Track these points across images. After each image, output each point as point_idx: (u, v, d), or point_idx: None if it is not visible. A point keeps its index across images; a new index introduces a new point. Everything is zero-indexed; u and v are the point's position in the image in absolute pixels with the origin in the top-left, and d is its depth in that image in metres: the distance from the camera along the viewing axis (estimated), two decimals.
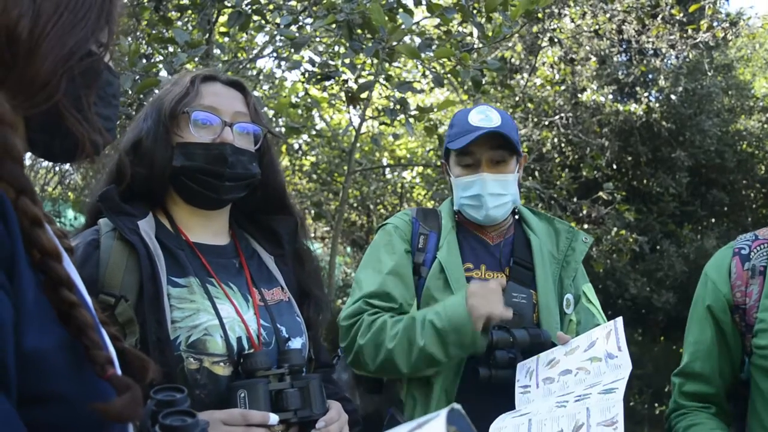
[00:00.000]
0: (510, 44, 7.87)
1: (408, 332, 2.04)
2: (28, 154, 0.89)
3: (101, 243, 1.53)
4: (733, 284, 1.82)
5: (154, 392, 1.03)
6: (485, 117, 2.19)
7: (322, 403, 1.56)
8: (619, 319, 1.81)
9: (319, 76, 4.30)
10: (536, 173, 8.25)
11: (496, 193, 2.18)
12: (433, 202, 7.73)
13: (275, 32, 4.82)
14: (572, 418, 1.59)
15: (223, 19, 4.65)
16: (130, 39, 4.09)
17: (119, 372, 0.83)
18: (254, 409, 1.46)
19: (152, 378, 0.89)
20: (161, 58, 4.15)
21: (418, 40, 4.03)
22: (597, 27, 8.21)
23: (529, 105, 8.25)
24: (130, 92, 3.28)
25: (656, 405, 9.48)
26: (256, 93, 5.53)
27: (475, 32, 4.22)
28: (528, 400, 1.86)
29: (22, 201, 0.76)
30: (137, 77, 3.30)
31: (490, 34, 3.74)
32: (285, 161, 7.87)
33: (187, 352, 1.48)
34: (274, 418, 1.46)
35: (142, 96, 3.31)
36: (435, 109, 4.39)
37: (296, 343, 1.66)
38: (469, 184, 2.20)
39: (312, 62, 4.56)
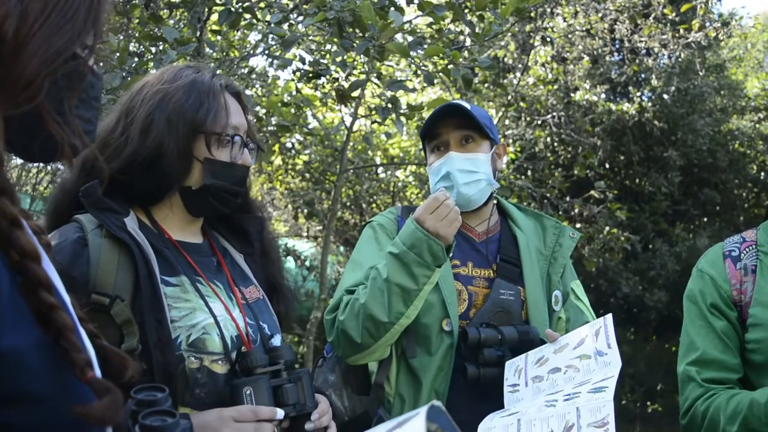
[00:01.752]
0: (502, 43, 7.88)
1: (374, 281, 2.01)
2: None
3: (89, 241, 1.49)
4: (729, 282, 1.87)
5: (135, 392, 1.01)
6: (452, 102, 2.24)
7: (313, 397, 1.59)
8: (609, 316, 1.80)
9: (310, 74, 4.28)
10: (528, 172, 8.26)
11: (466, 169, 2.17)
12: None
13: (267, 30, 4.81)
14: (562, 419, 1.59)
15: (214, 17, 4.63)
16: (120, 36, 4.07)
17: (99, 374, 0.82)
18: (260, 405, 1.48)
19: (132, 376, 0.88)
20: (152, 56, 4.13)
21: (410, 39, 4.03)
22: (589, 26, 8.22)
23: (522, 104, 8.26)
24: (120, 91, 3.27)
25: (648, 403, 9.51)
26: (248, 92, 5.52)
27: (467, 30, 4.21)
28: (517, 399, 1.85)
29: (2, 201, 0.75)
30: (125, 74, 3.29)
31: (480, 32, 3.74)
32: (278, 160, 7.85)
33: (188, 352, 1.48)
34: (280, 413, 1.50)
35: None
36: (426, 108, 4.39)
37: (277, 340, 1.69)
38: (439, 167, 2.21)
39: (303, 60, 4.55)
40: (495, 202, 2.34)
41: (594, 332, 1.78)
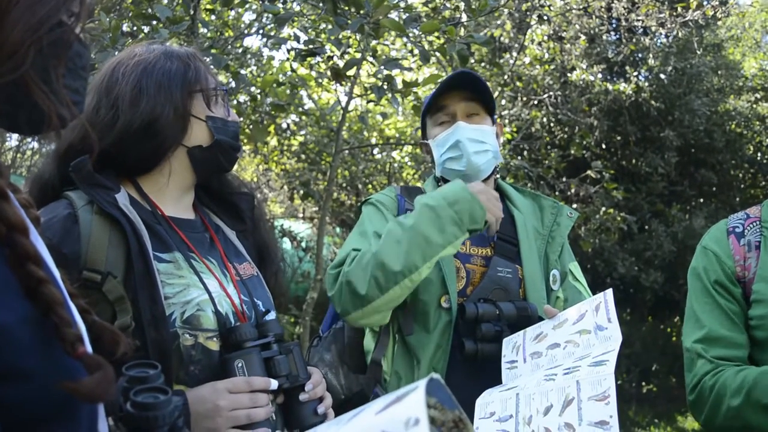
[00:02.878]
0: (498, 22, 7.83)
1: (390, 232, 1.97)
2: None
3: (79, 217, 1.48)
4: (733, 258, 1.87)
5: (127, 368, 1.00)
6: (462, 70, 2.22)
7: (305, 368, 1.58)
8: (609, 291, 1.79)
9: (304, 53, 4.25)
10: (525, 152, 8.24)
11: (475, 139, 2.17)
12: (422, 181, 7.71)
13: (261, 9, 4.76)
14: (562, 392, 1.57)
15: None
16: (113, 15, 4.02)
17: (90, 349, 0.80)
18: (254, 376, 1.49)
19: (124, 352, 0.86)
20: (144, 35, 4.09)
21: (404, 16, 3.99)
22: (586, 5, 8.17)
23: (518, 84, 8.23)
24: None
25: (643, 384, 9.56)
26: (242, 72, 5.47)
27: (462, 6, 4.17)
28: (515, 376, 1.84)
29: None
30: (117, 53, 3.24)
31: (476, 7, 3.70)
32: (273, 141, 7.82)
33: (183, 329, 1.47)
34: (274, 383, 1.50)
35: None
36: (420, 84, 4.35)
37: (271, 316, 1.68)
38: (446, 137, 2.19)
39: (298, 39, 4.51)
40: (495, 179, 2.33)
41: (594, 307, 1.77)
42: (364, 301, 1.95)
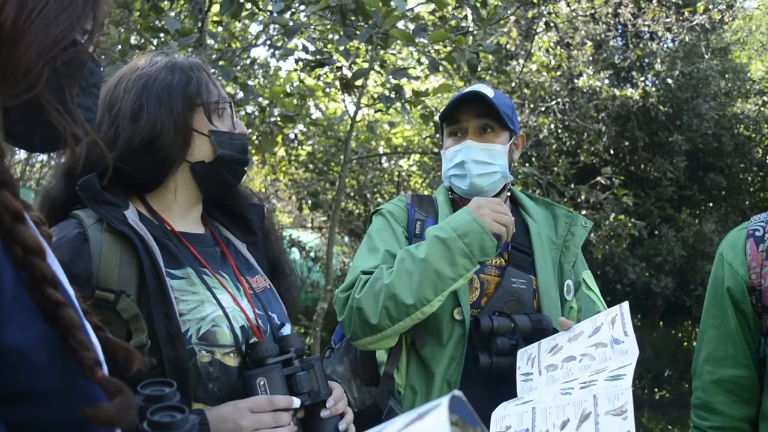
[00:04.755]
0: (505, 30, 7.82)
1: (402, 262, 1.97)
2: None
3: (89, 236, 1.46)
4: (749, 266, 1.83)
5: (142, 387, 0.99)
6: (476, 88, 2.18)
7: (326, 384, 1.57)
8: (625, 304, 1.78)
9: (313, 64, 4.25)
10: (533, 159, 8.22)
11: (481, 160, 2.14)
12: (430, 189, 7.69)
13: (268, 20, 4.77)
14: (579, 407, 1.56)
15: (216, 8, 4.60)
16: (122, 29, 4.04)
17: (106, 371, 0.79)
18: (276, 395, 1.47)
19: (138, 369, 0.86)
20: (153, 48, 4.10)
21: (411, 26, 3.99)
22: (593, 11, 8.16)
23: (526, 91, 8.21)
24: None
25: (656, 390, 9.49)
26: (250, 82, 5.48)
27: (470, 16, 4.17)
28: (530, 388, 1.82)
29: (3, 195, 0.73)
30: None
31: (485, 16, 3.70)
32: (281, 151, 7.83)
33: (199, 345, 1.45)
34: (297, 402, 1.48)
35: None
36: (431, 94, 4.35)
37: (287, 329, 1.66)
38: (454, 153, 2.17)
39: (306, 50, 4.52)
40: (509, 191, 2.31)
41: (610, 320, 1.75)
42: (375, 330, 1.96)
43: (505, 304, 2.09)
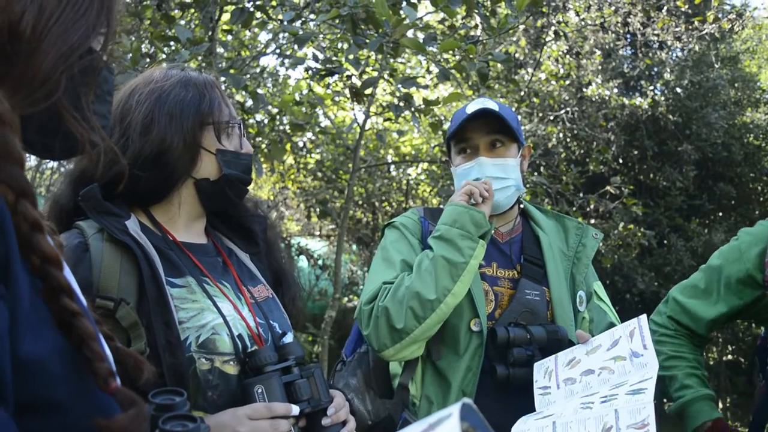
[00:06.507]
0: (514, 39, 7.82)
1: (420, 264, 2.03)
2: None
3: (90, 246, 1.47)
4: (766, 264, 1.87)
5: (152, 396, 0.99)
6: (481, 103, 2.19)
7: (327, 391, 1.57)
8: (643, 317, 1.77)
9: (322, 72, 4.26)
10: (542, 168, 8.20)
11: (496, 176, 2.15)
12: (439, 198, 7.69)
13: (279, 29, 4.78)
14: (600, 420, 1.55)
15: (226, 17, 4.62)
16: (133, 37, 4.06)
17: (119, 382, 0.79)
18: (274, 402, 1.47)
19: (148, 378, 0.85)
20: (164, 56, 4.12)
21: (422, 36, 3.99)
22: (602, 20, 8.15)
23: (534, 100, 8.20)
24: None
25: (665, 401, 9.43)
26: (260, 91, 5.50)
27: (480, 25, 4.18)
28: (549, 402, 1.81)
29: (22, 204, 0.73)
30: (137, 75, 3.27)
31: (495, 25, 3.70)
32: (290, 159, 7.84)
33: (199, 353, 1.46)
34: (295, 409, 1.48)
35: None
36: (441, 103, 4.36)
37: (289, 338, 1.67)
38: (467, 170, 2.18)
39: (315, 58, 4.53)
40: (521, 204, 2.32)
41: (628, 333, 1.75)
42: (402, 334, 1.97)
43: (519, 316, 2.09)
